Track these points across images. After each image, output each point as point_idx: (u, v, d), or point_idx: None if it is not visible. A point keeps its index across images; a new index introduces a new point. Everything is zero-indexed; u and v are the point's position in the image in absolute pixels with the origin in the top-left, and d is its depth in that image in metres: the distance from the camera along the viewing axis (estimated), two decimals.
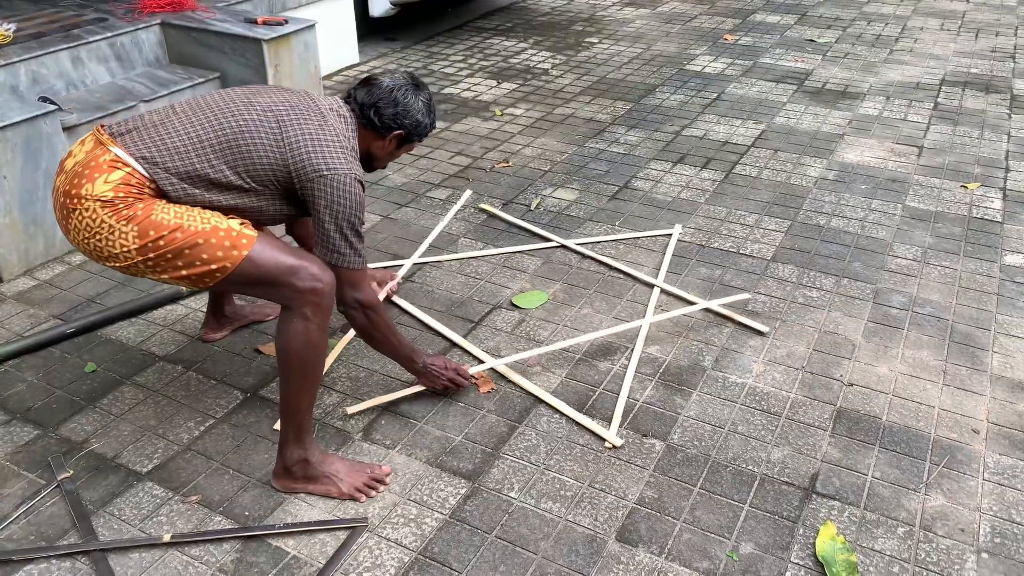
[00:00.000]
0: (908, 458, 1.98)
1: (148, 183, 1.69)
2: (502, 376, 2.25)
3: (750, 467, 1.95)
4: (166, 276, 1.71)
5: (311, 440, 1.85)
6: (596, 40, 5.45)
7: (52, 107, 2.74)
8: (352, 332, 2.39)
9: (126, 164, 1.68)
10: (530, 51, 5.21)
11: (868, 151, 3.70)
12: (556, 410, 2.13)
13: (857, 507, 1.84)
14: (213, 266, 1.68)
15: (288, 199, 1.81)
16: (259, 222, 1.84)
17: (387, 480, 1.90)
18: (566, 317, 2.52)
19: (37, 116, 2.65)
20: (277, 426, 2.00)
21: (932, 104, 4.26)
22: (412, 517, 1.82)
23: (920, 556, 1.73)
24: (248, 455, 1.98)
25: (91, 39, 3.34)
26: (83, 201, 1.66)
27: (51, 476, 1.92)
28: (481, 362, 2.29)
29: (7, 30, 3.23)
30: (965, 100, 4.31)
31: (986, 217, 3.11)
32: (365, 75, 2.01)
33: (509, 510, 1.83)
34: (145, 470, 1.94)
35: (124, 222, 1.66)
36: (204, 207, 1.73)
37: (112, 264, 1.72)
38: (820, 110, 4.19)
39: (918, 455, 1.99)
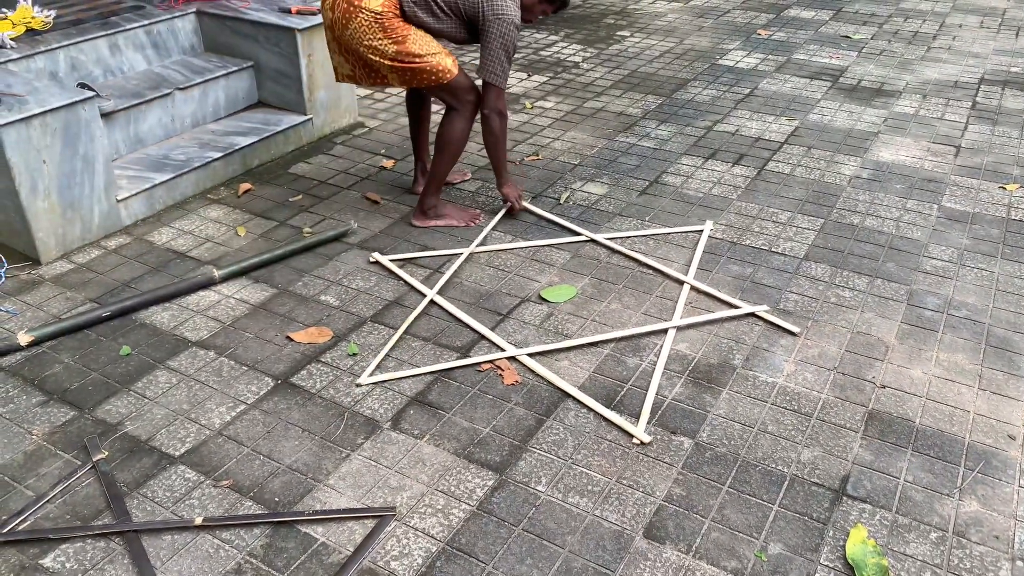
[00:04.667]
0: (941, 462, 1.95)
1: (397, 5, 2.62)
2: (529, 370, 2.25)
3: (780, 467, 1.94)
4: (394, 76, 2.71)
5: (439, 193, 2.94)
6: (628, 33, 5.41)
7: (90, 93, 2.77)
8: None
9: None
10: (561, 44, 5.19)
11: (904, 150, 3.64)
12: (584, 405, 2.12)
13: (889, 511, 1.82)
14: (432, 77, 2.69)
15: (470, 30, 2.73)
16: (452, 40, 2.77)
17: (480, 220, 2.99)
18: (595, 312, 2.51)
19: (76, 102, 2.69)
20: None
21: (970, 103, 4.18)
22: (440, 507, 1.83)
23: (953, 562, 1.71)
24: (278, 442, 2.01)
25: (128, 27, 3.38)
26: (361, 11, 2.59)
27: (87, 457, 1.95)
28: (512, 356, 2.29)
29: (47, 16, 3.27)
30: (1005, 100, 4.22)
31: None
32: None
33: (536, 503, 1.84)
34: (178, 453, 1.97)
35: (389, 41, 2.62)
36: (421, 27, 2.67)
37: (369, 55, 2.65)
38: (855, 107, 4.13)
39: (952, 460, 1.96)
